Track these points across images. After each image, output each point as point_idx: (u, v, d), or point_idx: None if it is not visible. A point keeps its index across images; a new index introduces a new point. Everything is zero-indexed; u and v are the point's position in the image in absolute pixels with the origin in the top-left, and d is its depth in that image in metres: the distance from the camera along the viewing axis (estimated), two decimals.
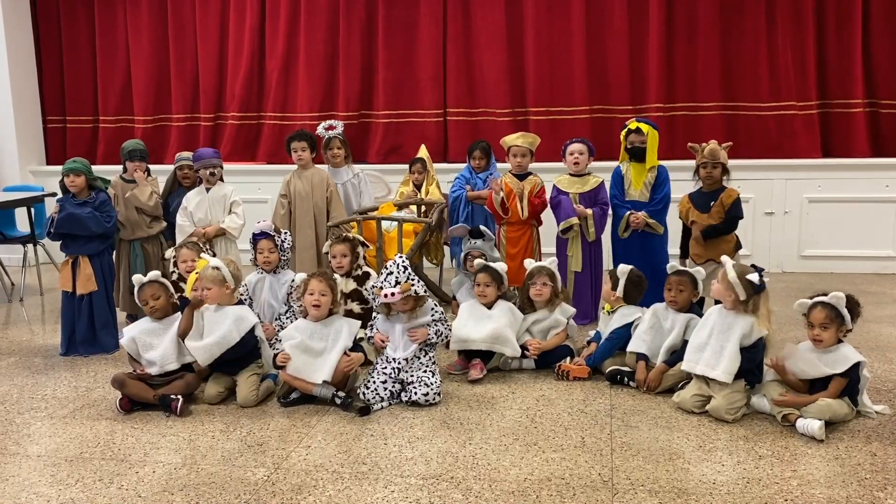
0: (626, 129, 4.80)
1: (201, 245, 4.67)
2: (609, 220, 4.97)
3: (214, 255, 4.47)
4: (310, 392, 3.62)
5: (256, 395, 3.68)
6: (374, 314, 3.88)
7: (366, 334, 3.89)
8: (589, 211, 4.82)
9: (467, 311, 4.16)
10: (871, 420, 3.33)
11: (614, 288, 4.08)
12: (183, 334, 3.75)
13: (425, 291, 3.75)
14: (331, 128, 5.45)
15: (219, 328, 3.72)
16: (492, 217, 5.17)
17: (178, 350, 3.77)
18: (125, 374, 3.70)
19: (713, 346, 3.46)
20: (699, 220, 4.46)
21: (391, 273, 3.64)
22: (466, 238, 4.79)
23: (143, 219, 4.96)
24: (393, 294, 3.60)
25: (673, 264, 3.99)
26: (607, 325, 4.10)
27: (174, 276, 4.49)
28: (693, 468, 2.92)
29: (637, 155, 4.75)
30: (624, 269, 4.09)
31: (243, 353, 3.76)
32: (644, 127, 4.72)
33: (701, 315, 3.76)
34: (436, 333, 3.72)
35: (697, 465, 2.94)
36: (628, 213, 4.72)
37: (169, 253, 4.68)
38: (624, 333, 3.96)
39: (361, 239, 4.68)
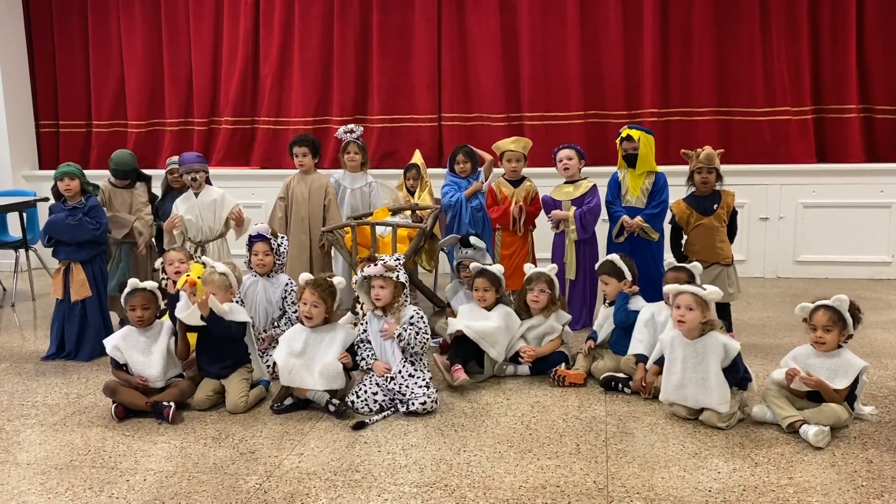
0: (619, 137, 4.83)
1: (190, 251, 4.64)
2: (597, 224, 4.98)
3: (200, 259, 4.42)
4: (304, 395, 3.60)
5: (246, 400, 3.65)
6: (362, 319, 3.79)
7: (363, 359, 3.74)
8: (566, 213, 4.86)
9: (466, 312, 4.16)
10: (867, 426, 3.32)
11: (622, 277, 4.08)
12: (182, 356, 3.78)
13: (412, 293, 3.71)
14: (350, 132, 5.43)
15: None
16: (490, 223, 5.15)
17: (170, 364, 3.75)
18: (116, 381, 3.67)
19: (693, 379, 3.37)
20: (703, 224, 4.45)
21: (382, 260, 3.67)
22: (458, 247, 4.78)
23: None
24: (375, 264, 3.60)
25: (670, 260, 3.98)
26: (606, 317, 4.10)
27: (164, 283, 4.44)
28: (689, 475, 2.90)
29: (630, 161, 4.78)
30: (615, 257, 4.17)
31: (227, 336, 3.70)
32: (635, 133, 4.74)
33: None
34: (415, 335, 3.61)
35: (693, 473, 2.92)
36: (623, 217, 4.74)
37: (158, 263, 4.58)
38: (633, 316, 3.97)
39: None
